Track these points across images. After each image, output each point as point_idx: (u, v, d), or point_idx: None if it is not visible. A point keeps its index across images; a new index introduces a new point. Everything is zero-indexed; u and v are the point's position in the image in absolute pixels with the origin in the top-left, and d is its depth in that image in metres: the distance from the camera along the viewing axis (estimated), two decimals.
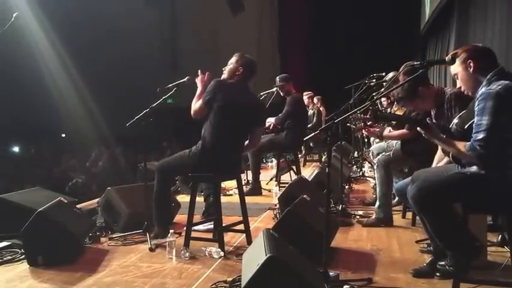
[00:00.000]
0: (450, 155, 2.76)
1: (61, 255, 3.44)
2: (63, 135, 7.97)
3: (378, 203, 4.39)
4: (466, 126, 2.71)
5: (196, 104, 3.72)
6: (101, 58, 8.21)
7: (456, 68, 2.71)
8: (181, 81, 3.98)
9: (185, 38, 10.88)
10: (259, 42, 12.95)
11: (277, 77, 6.25)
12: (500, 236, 3.54)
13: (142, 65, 8.85)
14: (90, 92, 8.42)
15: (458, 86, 2.80)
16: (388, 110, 5.80)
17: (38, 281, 3.18)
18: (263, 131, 3.98)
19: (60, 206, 3.80)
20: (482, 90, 2.56)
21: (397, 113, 5.08)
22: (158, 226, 3.83)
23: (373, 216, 4.43)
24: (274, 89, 6.21)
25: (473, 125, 2.54)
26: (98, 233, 4.11)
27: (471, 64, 2.64)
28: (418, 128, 2.75)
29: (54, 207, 3.65)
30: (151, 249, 3.74)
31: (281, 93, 6.20)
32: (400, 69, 3.72)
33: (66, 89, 8.46)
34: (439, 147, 3.23)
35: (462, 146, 2.55)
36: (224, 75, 3.82)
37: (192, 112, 3.74)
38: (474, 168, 2.63)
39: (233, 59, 3.81)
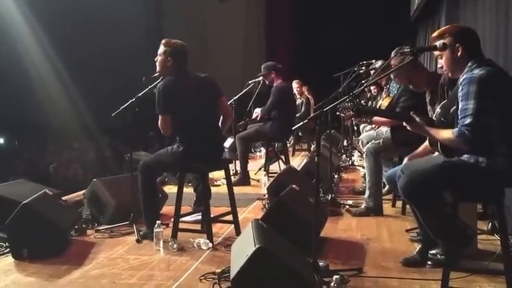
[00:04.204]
0: (438, 147, 2.74)
1: (47, 248, 3.39)
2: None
3: (367, 192, 4.36)
4: (448, 114, 2.69)
5: (159, 122, 3.64)
6: (85, 48, 8.07)
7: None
8: None
9: (171, 27, 10.74)
10: (246, 30, 12.85)
11: (262, 66, 6.16)
12: (490, 224, 3.55)
13: (128, 54, 8.73)
14: (75, 82, 8.29)
15: (439, 65, 2.77)
16: (378, 97, 5.78)
17: (23, 275, 3.13)
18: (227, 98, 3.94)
19: (45, 198, 3.74)
20: (464, 76, 2.54)
21: (385, 100, 5.06)
22: (147, 226, 3.75)
23: (363, 206, 4.41)
24: (261, 78, 6.14)
25: (458, 110, 2.52)
26: (84, 226, 4.05)
27: (459, 49, 2.61)
28: (403, 123, 2.73)
29: (39, 200, 3.59)
30: (138, 241, 3.70)
31: (266, 82, 6.13)
32: (392, 54, 3.69)
33: (50, 79, 8.31)
34: (426, 140, 3.21)
35: (450, 133, 2.53)
36: (157, 68, 3.74)
37: (162, 131, 3.65)
38: (463, 157, 2.61)
39: (161, 49, 3.70)
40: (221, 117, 3.93)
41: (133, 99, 3.92)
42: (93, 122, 8.64)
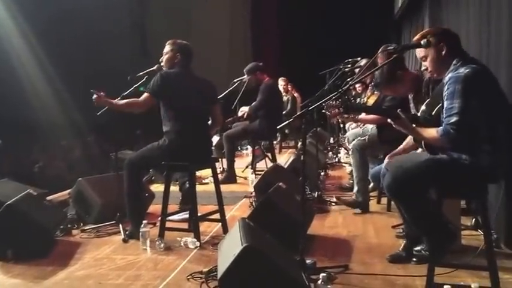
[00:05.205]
0: (422, 144, 2.77)
1: (31, 249, 3.36)
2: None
3: (356, 188, 4.40)
4: (433, 112, 2.72)
5: (134, 102, 3.66)
6: (70, 44, 8.00)
7: (426, 51, 2.70)
8: (151, 69, 3.93)
9: (156, 22, 10.68)
10: (232, 27, 12.80)
11: (244, 70, 6.13)
12: (473, 219, 3.60)
13: (113, 52, 8.67)
14: (60, 79, 8.20)
15: (423, 68, 2.79)
16: (363, 95, 5.81)
17: (7, 276, 3.10)
18: (221, 108, 4.07)
19: (29, 198, 3.70)
20: (450, 74, 2.56)
21: (371, 98, 5.09)
22: (133, 225, 3.74)
23: (352, 197, 4.46)
24: (246, 77, 6.13)
25: (444, 109, 2.55)
26: (69, 225, 4.01)
27: (444, 48, 2.64)
28: (388, 120, 2.75)
29: (23, 200, 3.55)
30: (125, 241, 3.67)
31: (252, 85, 6.12)
32: (378, 52, 3.72)
33: (36, 76, 8.21)
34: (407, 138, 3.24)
35: (434, 131, 2.55)
36: (164, 67, 3.78)
37: (136, 106, 3.66)
38: (447, 154, 2.64)
39: (167, 48, 3.77)
40: (210, 122, 3.98)
41: (119, 98, 3.89)
42: (80, 120, 8.56)
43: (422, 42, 2.65)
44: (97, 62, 8.34)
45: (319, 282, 2.54)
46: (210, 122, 3.98)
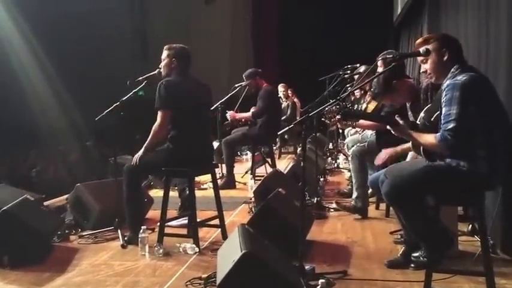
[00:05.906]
0: (421, 150, 2.78)
1: (28, 255, 3.34)
2: None
3: (355, 194, 4.40)
4: (432, 119, 2.73)
5: (158, 118, 3.63)
6: (71, 48, 8.04)
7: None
8: (151, 74, 3.92)
9: (157, 28, 10.73)
10: (233, 33, 12.83)
11: (243, 75, 6.14)
12: (470, 225, 3.60)
13: (114, 55, 8.71)
14: (61, 82, 8.23)
15: (422, 70, 2.80)
16: (361, 101, 5.82)
17: (4, 283, 3.08)
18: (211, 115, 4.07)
19: (26, 203, 3.68)
20: (448, 81, 2.58)
21: (371, 104, 5.10)
22: (131, 231, 3.73)
23: (351, 203, 4.45)
24: (246, 82, 6.14)
25: (442, 115, 2.57)
26: (67, 231, 3.99)
27: (446, 53, 2.65)
28: (387, 126, 2.76)
29: (19, 205, 3.54)
30: (123, 247, 3.66)
31: (252, 90, 6.14)
32: (377, 59, 3.73)
33: (35, 79, 8.24)
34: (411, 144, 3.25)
35: (432, 137, 2.57)
36: (162, 73, 3.77)
37: (159, 128, 3.63)
38: (445, 161, 2.64)
39: (164, 53, 3.76)
40: None
41: (118, 103, 3.90)
42: (79, 124, 8.57)
43: (421, 50, 2.67)
44: (97, 66, 8.37)
45: None
46: None
